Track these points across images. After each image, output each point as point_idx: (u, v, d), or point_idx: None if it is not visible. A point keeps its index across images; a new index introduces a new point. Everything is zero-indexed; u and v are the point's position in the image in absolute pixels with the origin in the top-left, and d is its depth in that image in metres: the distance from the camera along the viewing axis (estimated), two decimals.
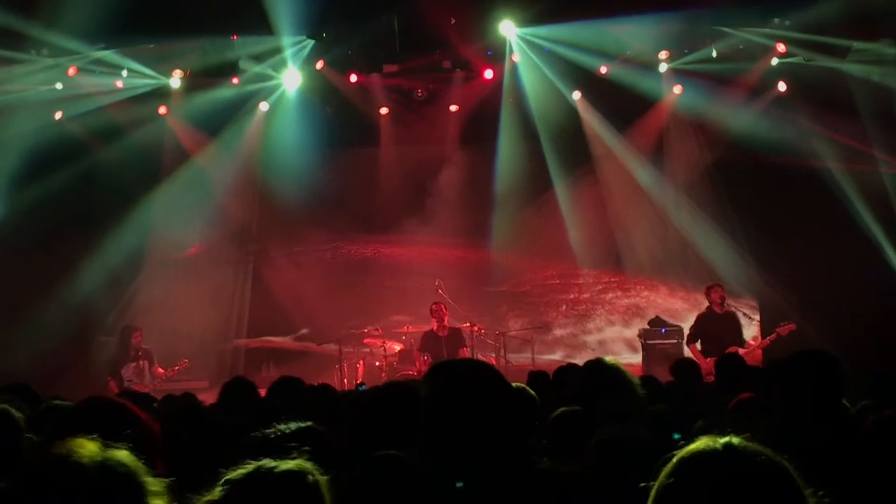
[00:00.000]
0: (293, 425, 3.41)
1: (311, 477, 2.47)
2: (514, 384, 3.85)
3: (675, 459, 2.05)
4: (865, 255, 15.70)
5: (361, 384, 11.66)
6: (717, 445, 2.03)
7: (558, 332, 18.66)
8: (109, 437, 2.32)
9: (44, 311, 16.15)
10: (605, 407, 5.17)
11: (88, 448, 2.03)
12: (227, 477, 2.42)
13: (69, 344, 16.21)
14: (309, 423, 3.41)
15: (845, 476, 3.43)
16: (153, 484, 2.04)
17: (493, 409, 3.11)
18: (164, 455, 3.21)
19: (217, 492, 2.41)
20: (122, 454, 2.05)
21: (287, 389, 6.79)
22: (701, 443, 2.06)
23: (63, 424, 3.32)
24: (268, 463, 2.44)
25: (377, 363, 16.47)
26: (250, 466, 2.43)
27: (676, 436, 4.44)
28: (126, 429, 2.96)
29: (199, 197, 17.87)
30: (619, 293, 18.80)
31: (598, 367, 5.61)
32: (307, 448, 2.62)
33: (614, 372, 5.55)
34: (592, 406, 5.01)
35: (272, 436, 3.33)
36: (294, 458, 2.50)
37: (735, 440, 2.04)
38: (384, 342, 16.42)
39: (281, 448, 2.66)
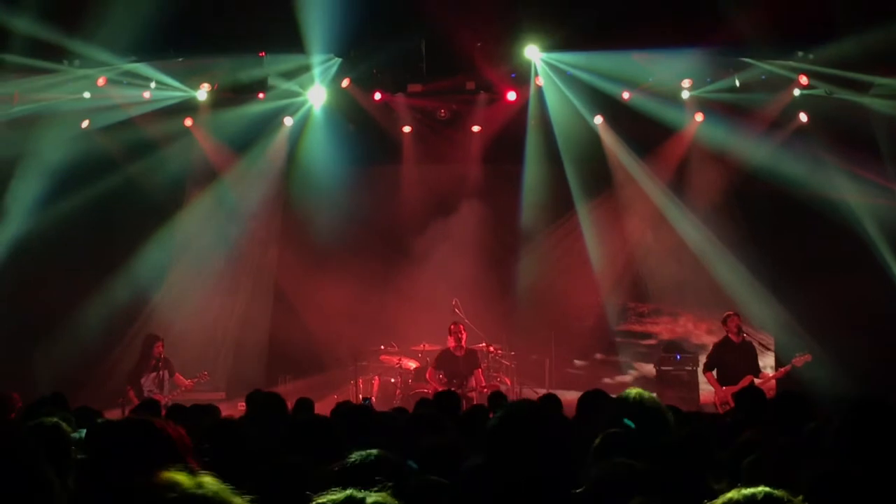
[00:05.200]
0: (361, 454, 3.56)
1: None
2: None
3: None
4: (882, 290, 15.76)
5: (367, 399, 11.77)
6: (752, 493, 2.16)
7: (578, 362, 18.69)
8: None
9: (70, 323, 16.44)
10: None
11: (181, 478, 2.21)
12: (319, 501, 2.59)
13: (92, 354, 16.43)
14: (380, 452, 3.57)
15: None
16: None
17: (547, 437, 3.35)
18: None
19: None
20: (210, 480, 2.23)
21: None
22: (732, 493, 2.18)
23: (108, 446, 3.40)
24: (357, 493, 2.61)
25: (392, 380, 16.53)
26: (340, 494, 2.61)
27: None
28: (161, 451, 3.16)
29: (226, 211, 18.14)
30: (642, 324, 18.86)
31: (631, 399, 5.45)
32: (390, 483, 2.79)
33: (649, 405, 5.38)
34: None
35: (348, 465, 3.48)
36: (378, 491, 2.67)
37: (766, 490, 2.17)
38: (400, 359, 16.49)
39: (361, 478, 2.84)
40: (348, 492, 2.60)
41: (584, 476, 3.84)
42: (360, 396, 15.88)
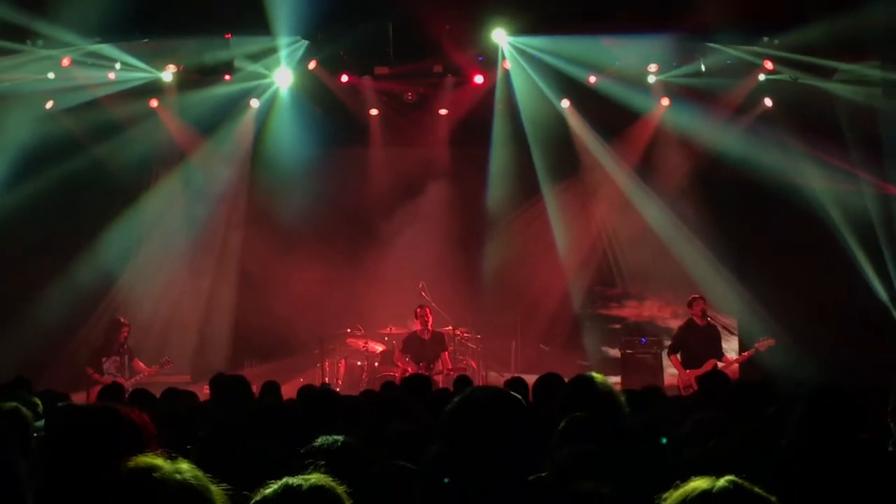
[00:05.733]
0: (327, 440, 3.58)
1: (330, 489, 2.66)
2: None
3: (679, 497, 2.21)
4: (845, 274, 15.86)
5: (325, 385, 11.76)
6: (725, 484, 2.17)
7: (544, 346, 18.67)
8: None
9: (34, 305, 16.34)
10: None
11: (159, 462, 2.22)
12: (256, 499, 2.59)
13: (57, 336, 16.33)
14: (342, 438, 3.58)
15: None
16: (218, 494, 2.24)
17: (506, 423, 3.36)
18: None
19: None
20: (188, 466, 2.24)
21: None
22: (703, 482, 2.22)
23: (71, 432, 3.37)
24: (293, 481, 2.62)
25: (359, 363, 16.56)
26: (276, 486, 2.61)
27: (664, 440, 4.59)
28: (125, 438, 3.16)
29: (192, 193, 18.08)
30: (608, 307, 18.95)
31: (585, 383, 5.22)
32: (322, 462, 2.80)
33: (603, 389, 5.41)
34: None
35: (313, 450, 3.50)
36: (313, 473, 2.70)
37: (737, 481, 2.18)
38: (366, 342, 16.52)
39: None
40: (284, 481, 2.61)
41: (545, 460, 3.88)
42: (325, 379, 15.90)
